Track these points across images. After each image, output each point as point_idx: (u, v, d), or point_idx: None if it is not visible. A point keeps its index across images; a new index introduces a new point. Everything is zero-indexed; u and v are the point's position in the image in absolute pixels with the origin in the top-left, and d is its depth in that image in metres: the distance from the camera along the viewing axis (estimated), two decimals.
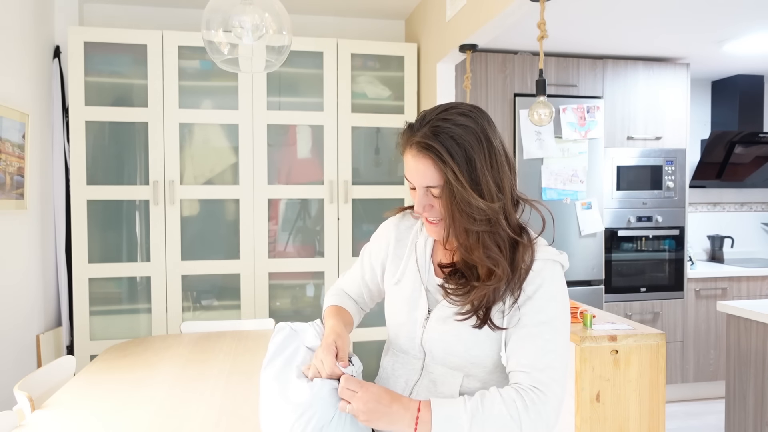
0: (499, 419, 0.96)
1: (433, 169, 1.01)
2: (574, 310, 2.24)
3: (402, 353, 1.16)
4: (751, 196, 4.57)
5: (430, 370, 1.11)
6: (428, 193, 1.05)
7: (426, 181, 1.03)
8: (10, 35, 2.70)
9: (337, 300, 1.31)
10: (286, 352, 1.09)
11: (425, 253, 1.16)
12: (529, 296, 1.04)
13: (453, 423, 0.95)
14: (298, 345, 1.10)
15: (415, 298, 1.13)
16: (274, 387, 1.07)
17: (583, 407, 2.04)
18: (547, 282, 1.05)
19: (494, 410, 0.97)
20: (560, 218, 3.53)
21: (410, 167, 1.05)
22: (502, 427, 0.96)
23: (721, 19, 2.99)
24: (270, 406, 1.08)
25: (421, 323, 1.11)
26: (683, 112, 3.81)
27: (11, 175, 2.66)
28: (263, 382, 1.10)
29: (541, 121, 2.37)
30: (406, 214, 1.25)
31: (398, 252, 1.21)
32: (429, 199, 1.05)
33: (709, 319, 3.83)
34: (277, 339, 1.11)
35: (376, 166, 3.46)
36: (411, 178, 1.05)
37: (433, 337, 1.09)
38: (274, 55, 1.97)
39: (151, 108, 3.12)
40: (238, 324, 2.74)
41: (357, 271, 1.32)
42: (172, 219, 3.17)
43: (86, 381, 1.93)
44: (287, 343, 1.10)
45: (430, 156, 1.00)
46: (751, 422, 2.50)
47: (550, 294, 1.04)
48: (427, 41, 3.37)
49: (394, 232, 1.23)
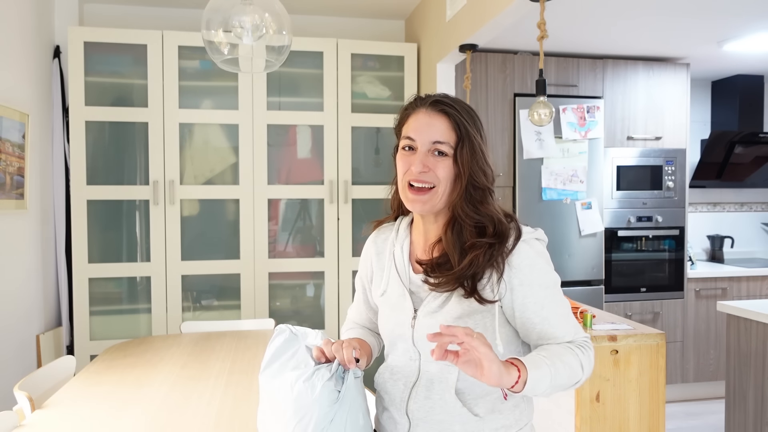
0: (569, 366, 1.03)
1: (448, 126, 1.08)
2: (574, 310, 2.24)
3: (398, 357, 1.16)
4: (751, 196, 4.57)
5: (426, 369, 1.11)
6: (430, 154, 1.08)
7: (437, 136, 1.07)
8: (10, 35, 2.70)
9: (353, 334, 1.32)
10: (286, 355, 1.09)
11: (403, 258, 1.17)
12: (529, 280, 1.06)
13: (541, 381, 0.99)
14: (297, 348, 1.09)
15: (400, 303, 1.15)
16: (273, 389, 1.07)
17: (583, 407, 2.04)
18: (537, 261, 1.08)
19: (564, 364, 1.02)
20: (560, 218, 3.53)
21: (421, 123, 1.09)
22: (572, 372, 1.03)
23: (721, 19, 2.99)
24: (269, 408, 1.08)
25: (410, 323, 1.12)
26: (683, 112, 3.81)
27: (11, 175, 2.66)
28: (262, 385, 1.10)
29: (541, 121, 2.37)
30: (381, 228, 1.27)
31: (380, 264, 1.23)
32: (430, 160, 1.08)
33: (709, 319, 3.83)
34: (277, 342, 1.11)
35: (376, 166, 3.46)
36: (420, 135, 1.08)
37: (423, 333, 1.10)
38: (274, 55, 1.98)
39: (151, 108, 3.12)
40: (238, 324, 2.74)
41: (359, 297, 1.34)
42: (172, 219, 3.16)
43: (86, 381, 1.93)
44: (287, 347, 1.10)
45: (448, 116, 1.08)
46: (751, 422, 2.50)
47: (544, 269, 1.08)
48: (427, 41, 3.37)
49: (374, 248, 1.26)
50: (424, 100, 1.11)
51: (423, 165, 1.07)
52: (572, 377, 1.03)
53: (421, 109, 1.10)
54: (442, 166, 1.07)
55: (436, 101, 1.09)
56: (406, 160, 1.10)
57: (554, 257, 1.14)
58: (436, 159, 1.08)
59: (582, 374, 1.05)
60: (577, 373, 1.04)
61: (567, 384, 1.03)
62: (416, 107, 1.12)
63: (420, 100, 1.12)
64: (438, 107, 1.09)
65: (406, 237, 1.20)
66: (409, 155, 1.10)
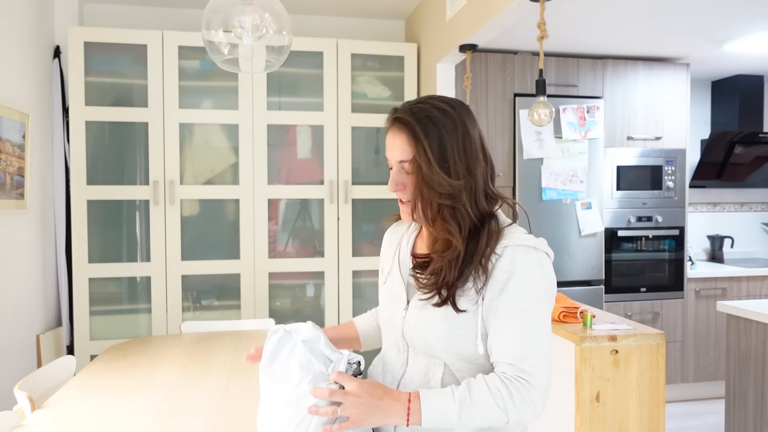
0: (486, 407, 0.99)
1: (407, 144, 1.08)
2: (574, 310, 2.24)
3: (389, 348, 1.19)
4: (751, 196, 4.57)
5: (413, 361, 1.13)
6: (401, 171, 1.10)
7: (399, 155, 1.09)
8: (10, 35, 2.70)
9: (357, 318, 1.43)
10: (283, 353, 1.09)
11: (407, 251, 1.20)
12: (503, 286, 1.03)
13: (443, 414, 0.99)
14: (294, 344, 1.10)
15: (397, 293, 1.18)
16: (274, 389, 1.07)
17: (583, 407, 2.04)
18: (520, 269, 1.02)
19: (481, 399, 1.00)
20: (560, 218, 3.53)
21: (388, 143, 1.12)
22: (490, 415, 0.99)
23: (721, 19, 2.99)
24: (270, 407, 1.08)
25: (401, 314, 1.15)
26: (683, 112, 3.81)
27: (11, 175, 2.66)
28: (263, 384, 1.10)
29: (541, 121, 2.37)
30: (401, 221, 1.31)
31: (388, 254, 1.27)
32: (402, 177, 1.11)
33: (709, 319, 3.83)
34: (272, 341, 1.11)
35: (376, 166, 3.46)
36: (388, 154, 1.12)
37: (411, 326, 1.12)
38: (274, 55, 1.98)
39: (151, 108, 3.12)
40: (238, 324, 2.74)
41: None
42: (172, 219, 3.17)
43: (86, 381, 1.93)
44: (282, 344, 1.10)
45: (406, 131, 1.08)
46: (751, 422, 2.50)
47: (525, 282, 1.02)
48: (427, 41, 3.37)
49: (387, 238, 1.31)
50: (390, 116, 1.12)
51: (395, 184, 1.11)
52: (493, 417, 0.99)
53: (389, 126, 1.12)
54: (410, 181, 1.10)
55: (394, 117, 1.10)
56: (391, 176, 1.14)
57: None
58: (406, 176, 1.10)
59: (505, 415, 0.99)
60: (494, 414, 0.99)
61: (484, 423, 1.00)
62: (387, 124, 1.13)
63: (390, 115, 1.13)
64: (396, 123, 1.10)
65: (414, 231, 1.23)
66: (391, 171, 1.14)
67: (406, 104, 1.12)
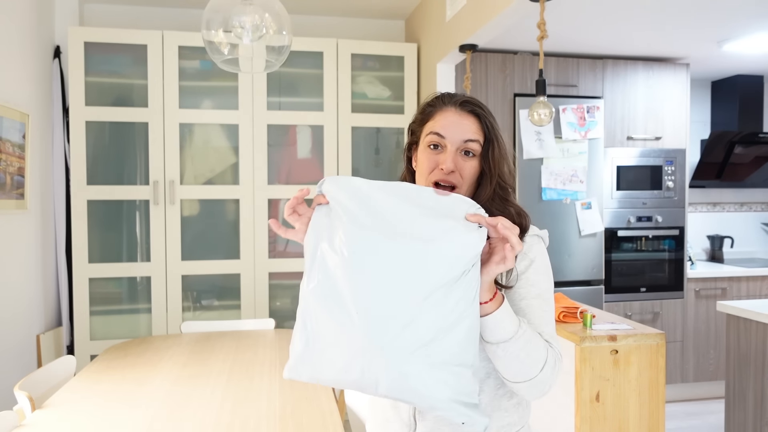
0: (537, 343, 1.00)
1: (478, 126, 1.09)
2: (574, 310, 2.24)
3: None
4: (751, 196, 4.57)
5: None
6: (459, 155, 1.08)
7: (470, 134, 1.08)
8: (11, 35, 2.71)
9: None
10: (351, 207, 1.04)
11: None
12: (522, 271, 1.07)
13: (511, 318, 0.98)
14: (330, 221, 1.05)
15: None
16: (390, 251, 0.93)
17: (583, 407, 2.04)
18: (538, 258, 1.08)
19: (535, 336, 1.00)
20: (560, 218, 3.52)
21: (451, 121, 1.09)
22: (536, 352, 0.99)
23: (721, 19, 2.99)
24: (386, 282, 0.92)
25: None
26: (683, 112, 3.81)
27: (11, 175, 2.66)
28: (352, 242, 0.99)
29: (541, 121, 2.37)
30: None
31: None
32: (458, 160, 1.08)
33: (708, 319, 3.83)
34: (320, 214, 1.08)
35: (376, 166, 3.46)
36: (450, 132, 1.08)
37: None
38: (274, 55, 1.98)
39: (151, 108, 3.13)
40: (238, 324, 2.74)
41: None
42: (172, 219, 3.17)
43: (86, 381, 1.93)
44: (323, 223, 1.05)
45: (476, 115, 1.10)
46: (751, 422, 2.50)
47: (541, 269, 1.08)
48: (427, 41, 3.37)
49: None
50: (452, 99, 1.11)
51: (453, 164, 1.07)
52: (534, 359, 0.99)
53: (449, 107, 1.10)
54: (469, 166, 1.08)
55: (465, 101, 1.10)
56: (433, 159, 1.09)
57: (554, 257, 1.14)
58: (464, 159, 1.08)
59: (541, 368, 0.99)
60: (538, 361, 0.99)
61: (525, 358, 0.98)
62: (444, 105, 1.11)
63: (447, 98, 1.12)
64: (467, 107, 1.10)
65: None
66: (436, 153, 1.09)
67: (463, 95, 1.13)
